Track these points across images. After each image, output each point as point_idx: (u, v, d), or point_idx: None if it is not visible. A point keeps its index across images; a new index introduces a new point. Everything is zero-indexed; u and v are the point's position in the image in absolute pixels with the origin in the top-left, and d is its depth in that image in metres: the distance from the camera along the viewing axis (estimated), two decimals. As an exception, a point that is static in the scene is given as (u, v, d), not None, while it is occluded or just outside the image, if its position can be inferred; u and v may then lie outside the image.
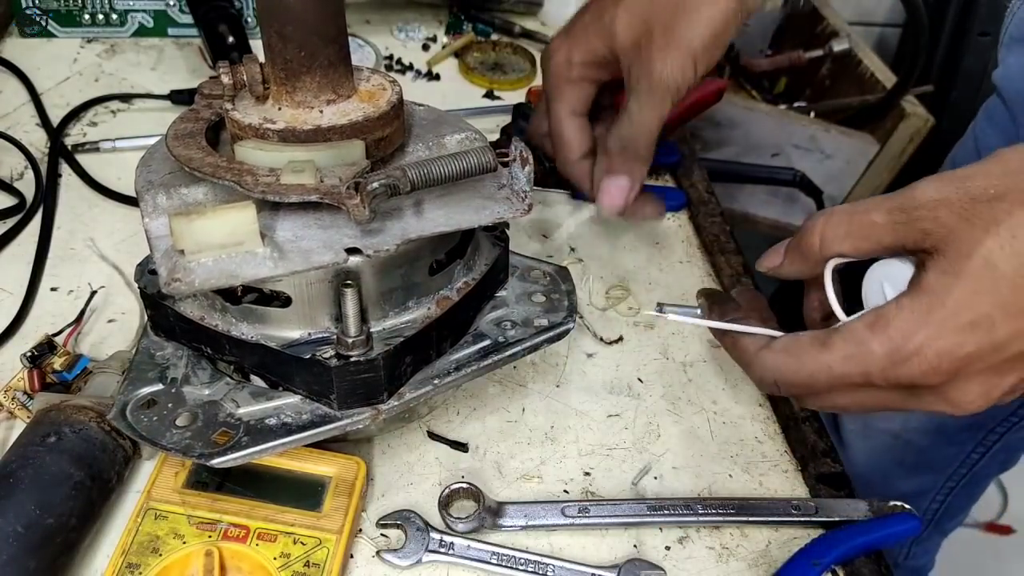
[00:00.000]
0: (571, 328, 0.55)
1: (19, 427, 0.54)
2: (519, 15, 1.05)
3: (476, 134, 0.54)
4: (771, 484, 0.58)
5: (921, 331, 0.41)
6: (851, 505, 0.56)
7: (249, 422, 0.48)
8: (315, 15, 0.46)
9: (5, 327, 0.62)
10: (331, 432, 0.48)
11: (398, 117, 0.50)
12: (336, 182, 0.45)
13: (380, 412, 0.49)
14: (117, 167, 0.77)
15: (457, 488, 0.54)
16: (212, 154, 0.48)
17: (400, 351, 0.48)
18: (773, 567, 0.53)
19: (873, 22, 1.61)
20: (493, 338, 0.54)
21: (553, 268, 0.59)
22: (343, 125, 0.47)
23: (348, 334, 0.47)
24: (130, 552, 0.47)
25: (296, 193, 0.44)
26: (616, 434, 0.60)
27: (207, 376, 0.50)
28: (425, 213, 0.48)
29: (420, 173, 0.46)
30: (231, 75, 0.48)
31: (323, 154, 0.46)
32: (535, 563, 0.51)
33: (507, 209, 0.49)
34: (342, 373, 0.47)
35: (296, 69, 0.47)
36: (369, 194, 0.44)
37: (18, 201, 0.72)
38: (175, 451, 0.46)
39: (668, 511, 0.55)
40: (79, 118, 0.83)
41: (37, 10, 0.90)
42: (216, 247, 0.44)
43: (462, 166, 0.47)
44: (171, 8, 0.92)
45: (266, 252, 0.45)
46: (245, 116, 0.48)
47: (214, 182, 0.46)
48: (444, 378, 0.51)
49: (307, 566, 0.48)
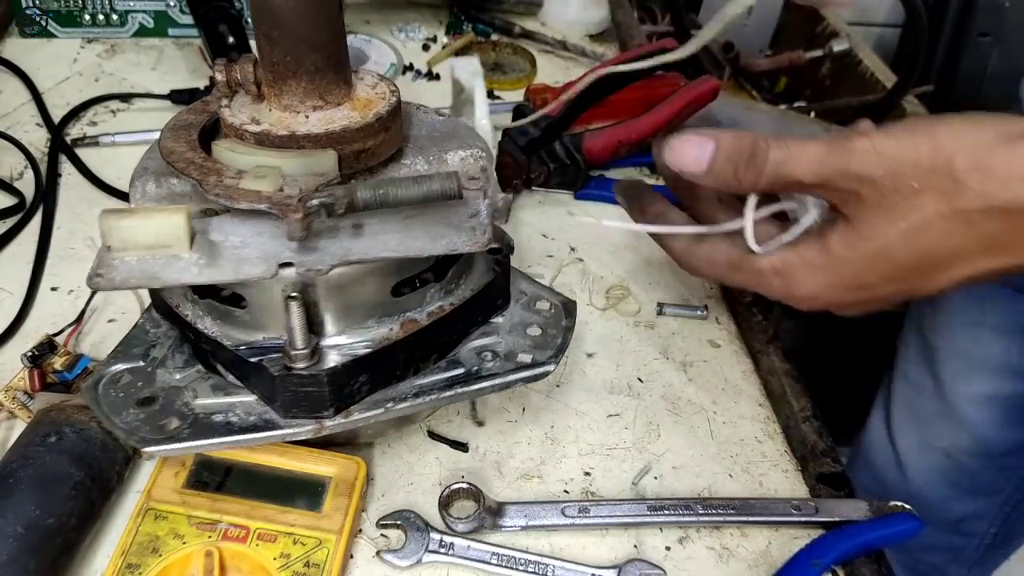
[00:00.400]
0: (550, 371, 0.52)
1: (19, 427, 0.54)
2: (519, 15, 1.05)
3: (482, 152, 0.53)
4: (771, 484, 0.58)
5: (812, 285, 0.49)
6: (851, 505, 0.56)
7: (199, 415, 0.48)
8: (302, 21, 0.45)
9: (5, 327, 0.62)
10: (268, 440, 0.48)
11: (385, 129, 0.49)
12: (296, 192, 0.44)
13: (323, 427, 0.48)
14: (117, 165, 0.77)
15: (457, 488, 0.54)
16: (195, 149, 0.48)
17: (350, 369, 0.47)
18: (773, 567, 0.53)
19: (873, 22, 1.61)
20: (468, 367, 0.52)
21: (562, 301, 0.57)
22: (317, 134, 0.46)
23: (294, 346, 0.46)
24: (130, 552, 0.47)
25: (246, 200, 0.44)
26: (616, 434, 0.60)
27: (182, 361, 0.51)
28: (378, 235, 0.46)
29: (371, 195, 0.44)
30: (225, 73, 0.48)
31: (293, 162, 0.46)
32: (535, 563, 0.51)
33: (465, 241, 0.46)
34: (286, 383, 0.46)
35: (282, 73, 0.47)
36: (305, 211, 0.43)
37: (18, 201, 0.72)
38: (120, 431, 0.47)
39: (668, 511, 0.55)
40: (79, 118, 0.83)
41: (37, 10, 0.90)
42: (142, 247, 0.44)
43: (421, 191, 0.45)
44: (171, 8, 0.92)
45: (192, 258, 0.44)
46: (234, 115, 0.48)
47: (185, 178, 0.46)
48: (399, 403, 0.49)
49: (307, 566, 0.48)
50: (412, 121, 0.55)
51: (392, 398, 0.50)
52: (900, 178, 0.44)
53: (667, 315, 0.69)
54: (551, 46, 1.01)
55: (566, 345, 0.54)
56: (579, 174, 0.79)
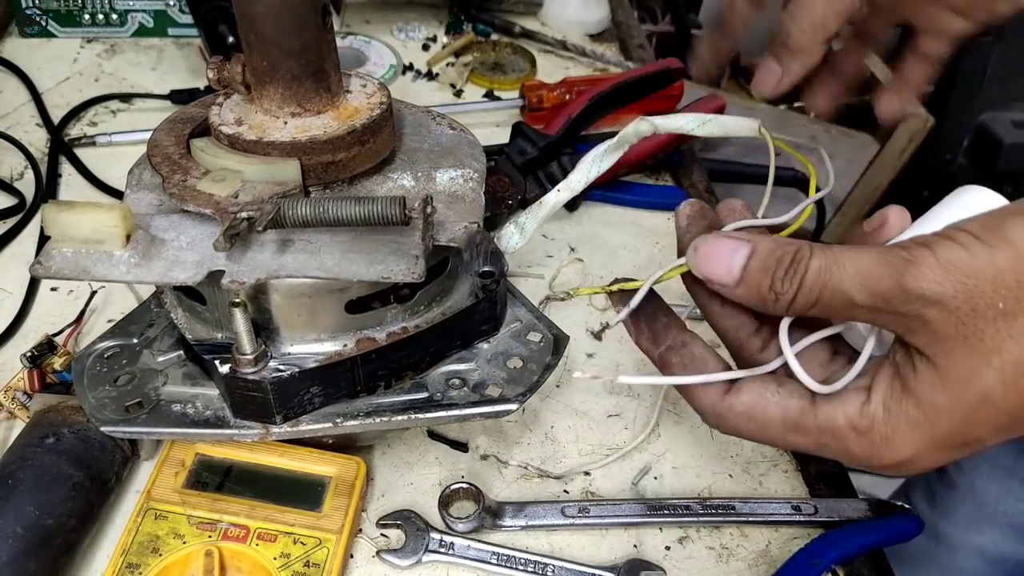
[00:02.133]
0: (512, 411, 0.50)
1: (19, 427, 0.54)
2: (519, 15, 1.05)
3: (474, 173, 0.51)
4: (771, 484, 0.58)
5: (906, 448, 0.38)
6: (851, 505, 0.56)
7: (162, 401, 0.49)
8: (275, 28, 0.45)
9: (5, 327, 0.62)
10: (213, 437, 0.49)
11: (360, 143, 0.47)
12: (250, 199, 0.44)
13: (269, 433, 0.48)
14: (117, 165, 0.77)
15: (457, 488, 0.54)
16: (179, 144, 0.48)
17: (297, 380, 0.47)
18: (773, 567, 0.53)
19: (873, 22, 1.61)
20: (432, 392, 0.50)
21: (556, 335, 0.54)
22: (283, 142, 0.46)
23: (240, 351, 0.46)
24: (130, 552, 0.47)
25: (195, 203, 0.44)
26: (616, 434, 0.60)
27: (167, 345, 0.52)
28: (319, 253, 0.45)
29: (309, 211, 0.44)
30: (217, 71, 0.48)
31: (256, 168, 0.45)
32: (535, 563, 0.51)
33: (404, 268, 0.44)
34: (231, 385, 0.47)
35: (261, 77, 0.47)
36: (230, 223, 0.42)
37: (18, 201, 0.72)
38: (88, 405, 0.49)
39: (668, 511, 0.55)
40: (79, 118, 0.83)
41: (37, 10, 0.90)
42: (78, 241, 0.44)
43: (362, 213, 0.44)
44: (171, 8, 0.92)
45: (124, 256, 0.44)
46: (220, 113, 0.48)
47: None
48: (350, 420, 0.49)
49: (307, 566, 0.48)
50: (419, 130, 0.54)
51: (344, 414, 0.49)
52: (979, 298, 0.34)
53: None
54: (551, 46, 1.01)
55: (540, 384, 0.51)
56: (576, 195, 0.78)
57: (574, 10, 1.06)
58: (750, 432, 0.42)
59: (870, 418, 0.38)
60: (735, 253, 0.40)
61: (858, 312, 0.37)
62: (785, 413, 0.40)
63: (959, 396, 0.36)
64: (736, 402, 0.41)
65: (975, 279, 0.34)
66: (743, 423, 0.41)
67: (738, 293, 0.40)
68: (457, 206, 0.49)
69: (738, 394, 0.41)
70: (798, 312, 0.39)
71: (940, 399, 0.36)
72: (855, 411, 0.38)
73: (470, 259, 0.53)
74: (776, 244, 0.39)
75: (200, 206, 0.44)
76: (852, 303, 0.37)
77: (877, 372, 0.39)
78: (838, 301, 0.37)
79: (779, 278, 0.38)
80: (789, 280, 0.38)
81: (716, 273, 0.40)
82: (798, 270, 0.38)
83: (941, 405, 0.36)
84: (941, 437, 0.37)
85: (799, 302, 0.38)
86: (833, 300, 0.37)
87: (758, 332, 0.44)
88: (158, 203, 0.48)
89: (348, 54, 0.93)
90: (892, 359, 0.38)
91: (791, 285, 0.38)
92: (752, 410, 0.41)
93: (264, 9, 0.44)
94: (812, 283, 0.37)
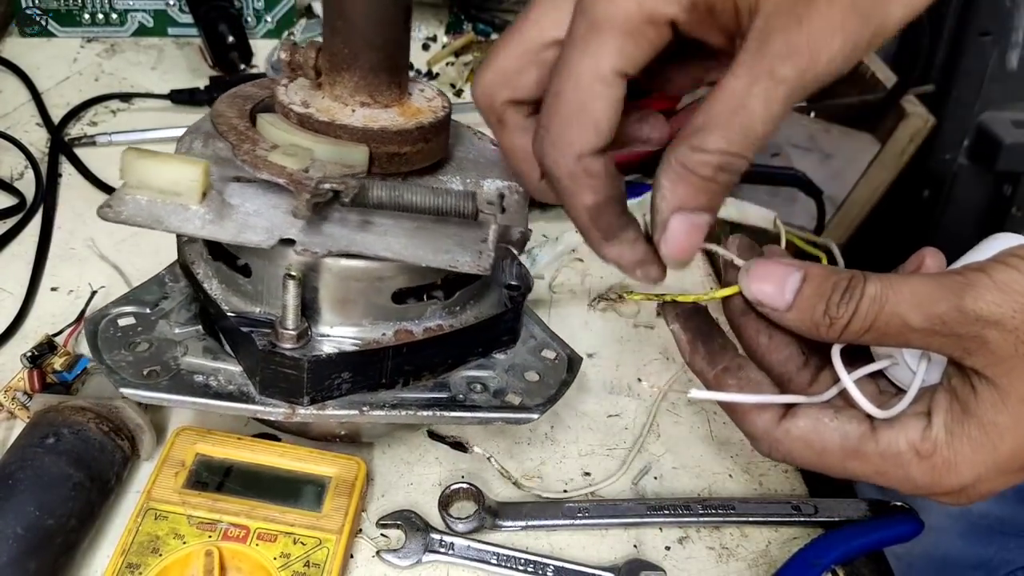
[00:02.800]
0: (534, 419, 0.51)
1: (19, 427, 0.54)
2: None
3: (519, 187, 0.52)
4: (771, 484, 0.58)
5: (968, 472, 0.37)
6: (851, 505, 0.56)
7: (182, 370, 0.49)
8: (364, 18, 0.46)
9: (5, 327, 0.62)
10: (239, 412, 0.49)
11: (425, 140, 0.49)
12: (320, 175, 0.45)
13: (295, 413, 0.48)
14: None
15: (457, 488, 0.54)
16: (243, 118, 0.49)
17: (332, 362, 0.47)
18: (773, 567, 0.53)
19: (873, 22, 1.60)
20: (453, 393, 0.51)
21: (569, 354, 0.55)
22: (355, 127, 0.47)
23: (284, 325, 0.46)
24: (130, 552, 0.47)
25: (268, 172, 0.45)
26: (616, 434, 0.60)
27: (185, 318, 0.52)
28: (386, 235, 0.46)
29: (386, 194, 0.45)
30: (290, 54, 0.49)
31: (325, 148, 0.47)
32: (535, 563, 0.51)
33: (467, 261, 0.46)
34: (268, 359, 0.47)
35: (338, 63, 0.48)
36: (314, 192, 0.43)
37: (18, 201, 0.72)
38: (105, 367, 0.48)
39: (668, 511, 0.55)
40: (79, 117, 0.83)
41: (37, 10, 0.90)
42: (155, 190, 0.44)
43: (436, 202, 0.46)
44: (171, 8, 0.92)
45: (199, 211, 0.45)
46: (287, 94, 0.49)
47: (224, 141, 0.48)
48: (376, 409, 0.49)
49: (307, 566, 0.48)
50: (463, 142, 0.56)
51: (370, 403, 0.49)
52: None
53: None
54: (551, 46, 1.01)
55: (559, 397, 0.52)
56: None
57: (574, 10, 1.06)
58: (806, 459, 0.41)
59: (932, 441, 0.37)
60: (789, 277, 0.39)
61: (913, 337, 0.37)
62: (844, 439, 0.40)
63: (1021, 414, 0.36)
64: (793, 427, 0.41)
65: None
66: (799, 448, 0.41)
67: (789, 317, 0.39)
68: (488, 207, 0.50)
69: (795, 419, 0.41)
70: (851, 338, 0.38)
71: (1002, 418, 0.36)
72: (917, 435, 0.38)
73: (499, 272, 0.54)
74: (829, 270, 0.39)
75: (274, 175, 0.44)
76: (908, 327, 0.36)
77: (934, 397, 0.39)
78: (894, 326, 0.37)
79: (834, 303, 0.38)
80: (845, 304, 0.37)
81: (769, 295, 0.39)
82: (854, 295, 0.37)
83: (1003, 424, 0.36)
84: (1004, 458, 0.37)
85: (853, 327, 0.37)
86: (889, 325, 0.37)
87: (806, 366, 0.43)
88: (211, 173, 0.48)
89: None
90: (948, 384, 0.38)
91: (847, 310, 0.37)
92: (809, 435, 0.40)
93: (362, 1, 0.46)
94: (868, 308, 0.37)
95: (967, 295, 0.35)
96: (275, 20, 0.94)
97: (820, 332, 0.39)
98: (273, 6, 0.93)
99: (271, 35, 0.94)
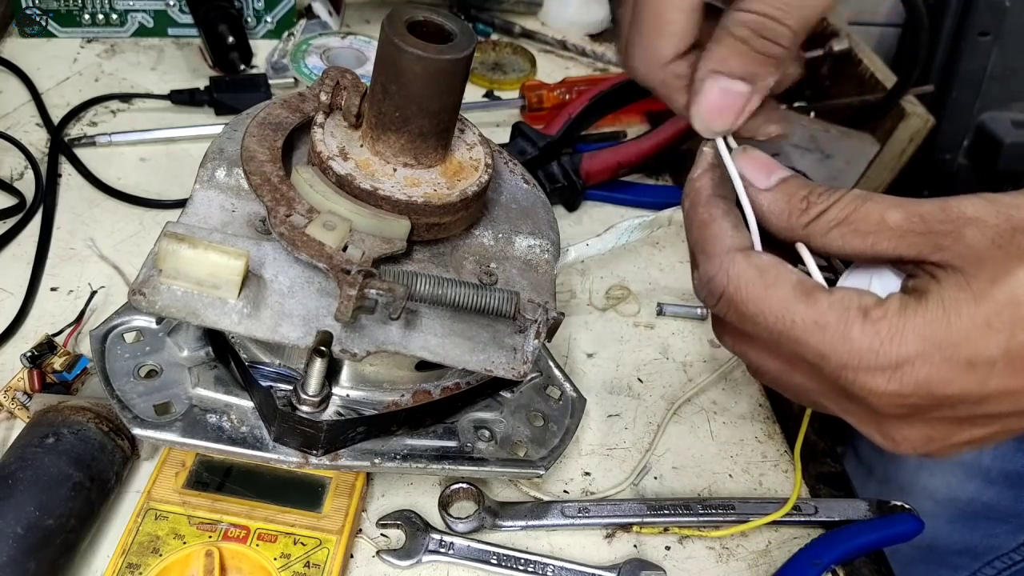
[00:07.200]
0: (540, 475, 0.52)
1: (19, 427, 0.54)
2: (519, 15, 1.05)
3: (549, 245, 0.52)
4: (771, 484, 0.58)
5: (913, 344, 0.35)
6: (851, 505, 0.56)
7: (195, 407, 0.48)
8: (422, 88, 0.45)
9: (5, 327, 0.62)
10: (252, 459, 0.48)
11: (466, 208, 0.48)
12: (359, 254, 0.43)
13: (307, 463, 0.48)
14: (117, 166, 0.77)
15: (457, 488, 0.54)
16: (275, 160, 0.47)
17: (350, 423, 0.48)
18: (773, 567, 0.53)
19: (873, 22, 1.61)
20: (462, 442, 0.52)
21: (574, 395, 0.56)
22: (398, 199, 0.45)
23: (306, 391, 0.47)
24: (130, 552, 0.47)
25: (307, 252, 0.43)
26: (616, 434, 0.60)
27: (192, 337, 0.51)
28: (421, 327, 0.46)
29: (429, 293, 0.44)
30: (330, 95, 0.47)
31: (366, 220, 0.45)
32: (535, 563, 0.51)
33: (504, 363, 0.47)
34: (286, 417, 0.47)
35: (386, 124, 0.46)
36: (358, 298, 0.42)
37: (18, 201, 0.72)
38: (115, 402, 0.47)
39: (668, 511, 0.55)
40: (79, 118, 0.83)
41: (37, 10, 0.90)
42: (192, 281, 0.43)
43: (479, 303, 0.45)
44: (171, 8, 0.92)
45: (237, 305, 0.43)
46: (324, 138, 0.47)
47: None
48: (388, 461, 0.49)
49: (307, 566, 0.48)
50: (496, 180, 0.54)
51: (382, 453, 0.50)
52: (1016, 218, 0.35)
53: (667, 315, 0.69)
54: (551, 46, 1.01)
55: (562, 450, 0.53)
56: (576, 195, 0.78)
57: (574, 10, 1.06)
58: (750, 293, 0.38)
59: (884, 308, 0.36)
60: (779, 170, 0.40)
61: (884, 238, 0.37)
62: (801, 281, 0.38)
63: (985, 291, 0.34)
64: (755, 256, 0.39)
65: (1014, 208, 0.35)
66: (748, 277, 0.38)
67: (768, 198, 0.39)
68: (530, 275, 0.50)
69: (759, 254, 0.39)
70: (821, 229, 0.38)
71: (963, 295, 0.35)
72: (871, 301, 0.36)
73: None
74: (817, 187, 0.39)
75: (312, 257, 0.43)
76: (884, 224, 0.36)
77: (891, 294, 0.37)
78: (871, 221, 0.37)
79: (817, 191, 0.38)
80: (827, 194, 0.38)
81: (752, 173, 0.40)
82: (837, 191, 0.38)
83: (963, 300, 0.35)
84: (955, 338, 0.35)
85: (829, 215, 0.37)
86: (867, 220, 0.37)
87: None
88: (231, 207, 0.47)
89: (348, 54, 0.93)
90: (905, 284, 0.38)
91: (828, 199, 0.38)
92: (768, 267, 0.38)
93: (420, 70, 0.44)
94: (849, 199, 0.37)
95: (952, 199, 0.36)
96: (275, 20, 0.94)
97: (791, 219, 0.39)
98: (273, 6, 0.93)
99: (271, 35, 0.94)
